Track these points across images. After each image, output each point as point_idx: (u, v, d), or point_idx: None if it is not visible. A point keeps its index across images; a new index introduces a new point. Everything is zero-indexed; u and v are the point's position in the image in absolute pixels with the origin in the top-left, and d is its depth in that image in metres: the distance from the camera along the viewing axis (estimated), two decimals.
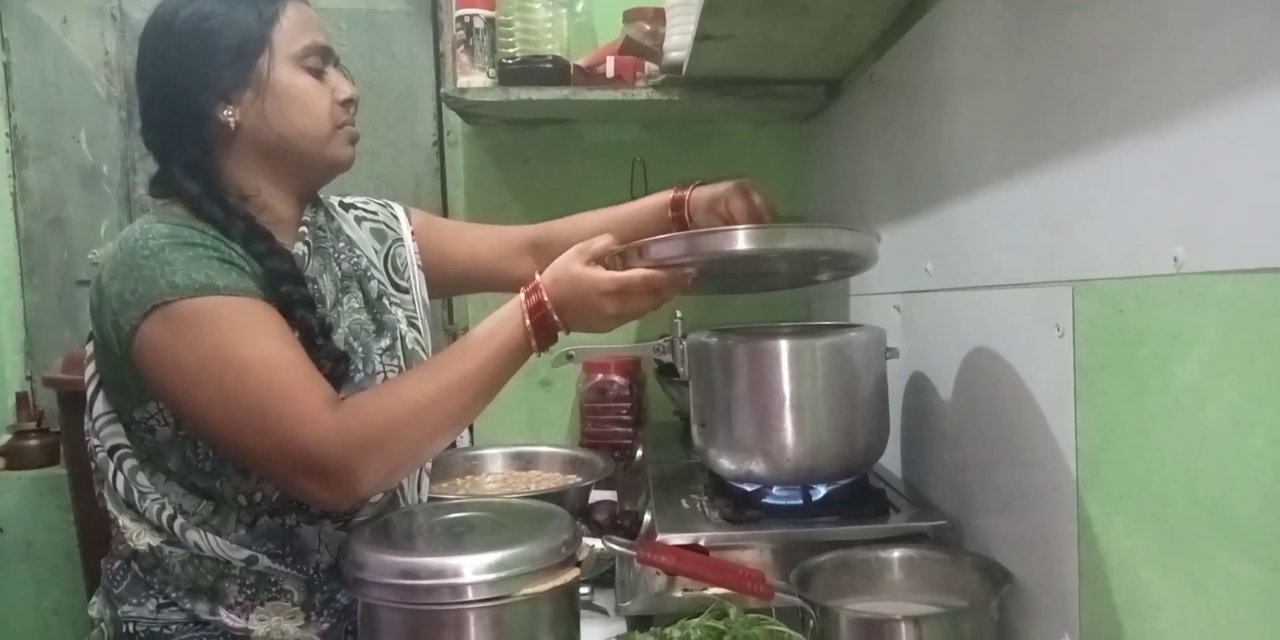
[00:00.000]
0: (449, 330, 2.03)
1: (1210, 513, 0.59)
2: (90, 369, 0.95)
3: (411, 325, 1.11)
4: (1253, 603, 0.56)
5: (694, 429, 1.10)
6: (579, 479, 1.36)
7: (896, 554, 0.93)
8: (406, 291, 1.13)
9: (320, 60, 0.99)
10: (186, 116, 0.94)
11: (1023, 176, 0.85)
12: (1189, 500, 0.61)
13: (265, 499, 0.93)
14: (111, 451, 0.93)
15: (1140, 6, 0.65)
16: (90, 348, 0.95)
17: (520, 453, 1.51)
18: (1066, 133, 0.76)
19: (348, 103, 1.00)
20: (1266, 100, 0.53)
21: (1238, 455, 0.56)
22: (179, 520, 0.91)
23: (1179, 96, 0.61)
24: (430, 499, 1.13)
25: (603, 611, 1.05)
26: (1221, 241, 0.57)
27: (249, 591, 0.92)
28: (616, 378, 1.69)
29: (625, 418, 1.66)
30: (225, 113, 0.94)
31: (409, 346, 1.08)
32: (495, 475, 1.47)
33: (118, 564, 0.96)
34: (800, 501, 1.04)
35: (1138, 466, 0.67)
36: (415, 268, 1.15)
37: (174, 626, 0.91)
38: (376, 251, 1.12)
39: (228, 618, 0.91)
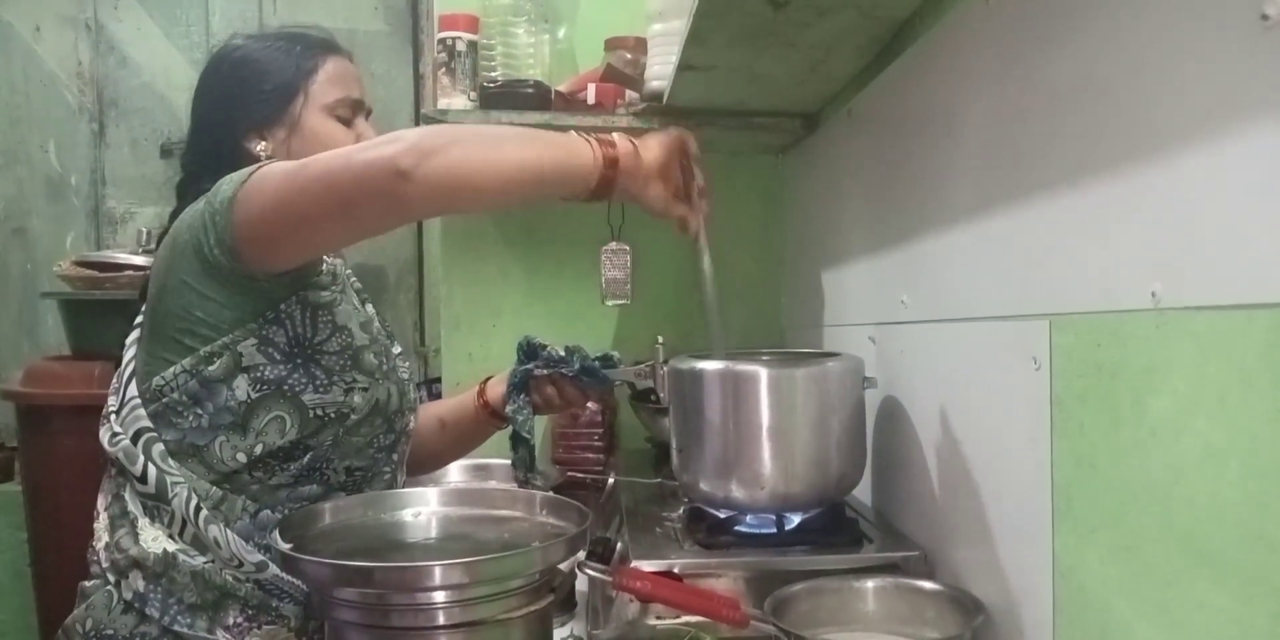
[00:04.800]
0: (420, 352, 2.02)
1: (1184, 544, 0.60)
2: (128, 356, 1.02)
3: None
4: (1225, 632, 0.56)
5: (673, 454, 1.09)
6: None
7: (870, 584, 0.93)
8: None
9: (350, 112, 1.12)
10: (224, 143, 1.07)
11: (1000, 211, 0.87)
12: (1163, 531, 0.62)
13: (263, 457, 0.97)
14: (135, 437, 0.96)
15: (1118, 46, 0.67)
16: (133, 336, 1.03)
17: (478, 464, 1.53)
18: (1044, 168, 0.78)
19: None
20: (1242, 138, 0.54)
21: (1212, 487, 0.57)
22: (204, 512, 0.94)
23: (1156, 133, 0.62)
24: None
25: (578, 639, 1.04)
26: (1198, 277, 0.59)
27: (249, 613, 0.94)
28: (589, 404, 1.68)
29: (597, 444, 1.66)
30: (259, 147, 1.07)
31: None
32: (454, 483, 1.51)
33: (95, 583, 0.98)
34: (774, 530, 1.04)
35: (1112, 498, 0.68)
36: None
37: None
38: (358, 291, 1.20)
39: (223, 638, 0.93)
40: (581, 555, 0.90)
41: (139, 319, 1.04)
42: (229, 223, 0.92)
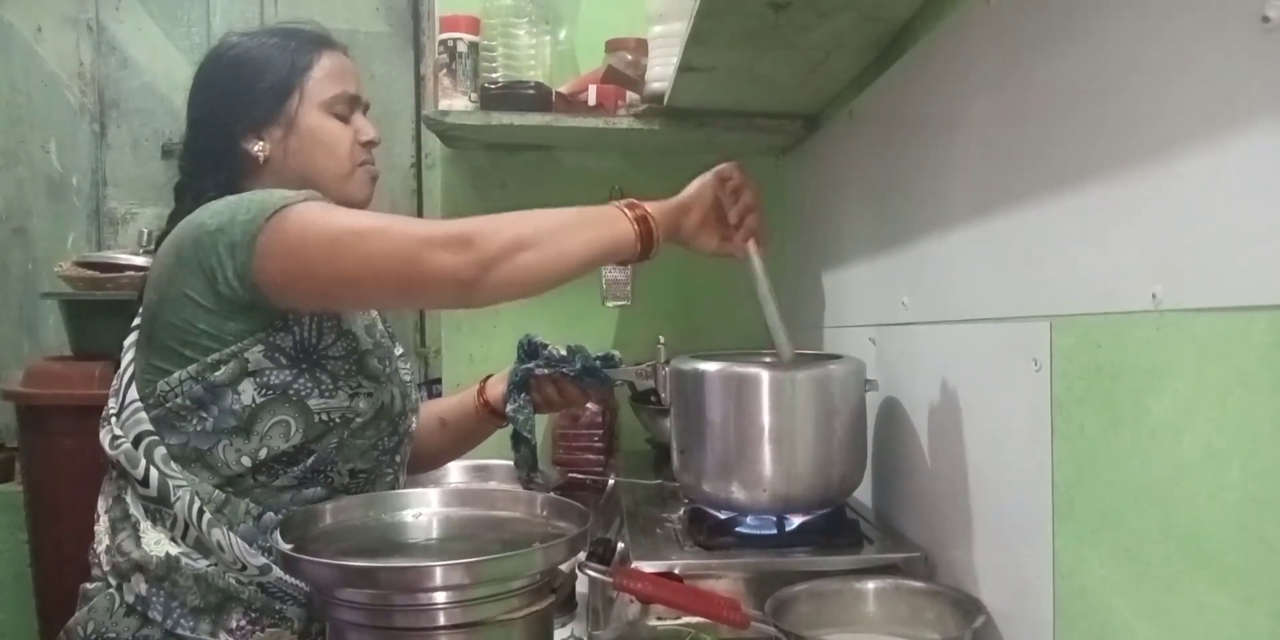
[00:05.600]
0: (421, 353, 2.02)
1: (1184, 545, 0.60)
2: (127, 359, 1.01)
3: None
4: (1226, 633, 0.56)
5: (674, 455, 1.10)
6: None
7: (871, 585, 0.93)
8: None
9: (348, 107, 1.10)
10: (221, 143, 1.06)
11: (1001, 212, 0.87)
12: (1164, 533, 0.62)
13: (267, 462, 0.97)
14: (137, 441, 0.96)
15: (1119, 48, 0.67)
16: (131, 338, 1.02)
17: (478, 464, 1.53)
18: (1045, 170, 0.78)
19: (369, 144, 1.11)
20: (1243, 140, 0.54)
21: (1212, 489, 0.58)
22: (206, 516, 0.93)
23: (1157, 135, 0.62)
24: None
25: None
26: (1199, 279, 0.59)
27: (253, 616, 0.94)
28: (589, 404, 1.68)
29: (597, 445, 1.65)
30: (256, 147, 1.05)
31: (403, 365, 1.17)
32: (455, 484, 1.50)
33: (97, 586, 0.97)
34: (774, 531, 1.04)
35: (1113, 500, 0.68)
36: None
37: None
38: None
39: None
40: (582, 556, 0.90)
41: (137, 321, 1.04)
42: (250, 261, 0.92)
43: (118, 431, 0.98)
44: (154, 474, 0.94)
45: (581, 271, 0.97)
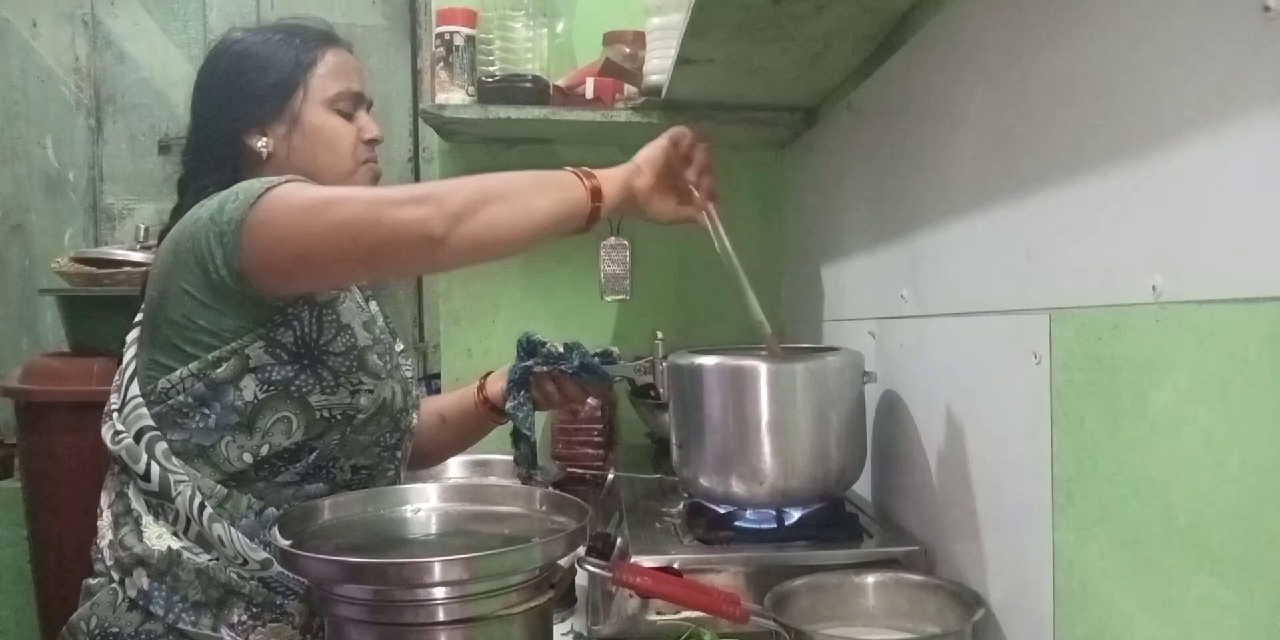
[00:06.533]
0: (419, 348, 2.01)
1: (1185, 538, 0.60)
2: (129, 355, 1.01)
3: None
4: (1227, 626, 0.56)
5: (673, 449, 1.09)
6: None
7: (870, 579, 0.93)
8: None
9: (351, 105, 1.10)
10: (223, 139, 1.06)
11: (1000, 204, 0.86)
12: (1164, 526, 0.62)
13: (269, 458, 0.97)
14: (138, 436, 0.96)
15: (1119, 37, 0.67)
16: (133, 334, 1.02)
17: (478, 459, 1.53)
18: (1044, 162, 0.78)
19: (372, 142, 1.11)
20: (1243, 131, 0.54)
21: (1213, 481, 0.57)
22: (207, 510, 0.93)
23: (1157, 126, 0.62)
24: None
25: (578, 634, 1.04)
26: (1199, 271, 0.58)
27: (254, 611, 0.94)
28: (589, 399, 1.68)
29: (597, 439, 1.65)
30: (260, 143, 1.06)
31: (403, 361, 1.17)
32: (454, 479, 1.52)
33: (100, 581, 0.97)
34: (774, 525, 1.04)
35: (1113, 492, 0.68)
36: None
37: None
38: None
39: (227, 636, 0.93)
40: (581, 551, 0.90)
41: (139, 317, 1.04)
42: (237, 246, 0.92)
43: (119, 427, 0.98)
44: (155, 469, 0.94)
45: (547, 232, 0.97)
